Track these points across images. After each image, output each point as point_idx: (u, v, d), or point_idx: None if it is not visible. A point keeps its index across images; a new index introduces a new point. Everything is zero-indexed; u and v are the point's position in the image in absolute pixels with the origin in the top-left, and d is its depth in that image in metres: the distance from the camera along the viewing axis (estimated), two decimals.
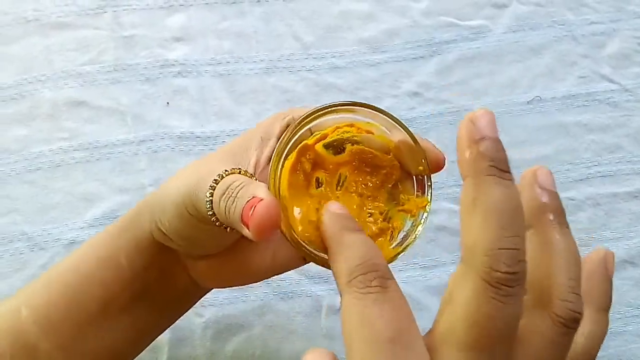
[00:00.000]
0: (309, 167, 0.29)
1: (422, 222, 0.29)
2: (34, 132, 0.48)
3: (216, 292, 0.46)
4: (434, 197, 0.29)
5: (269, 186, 0.27)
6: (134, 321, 0.34)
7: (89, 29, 0.50)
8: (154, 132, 0.49)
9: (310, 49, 0.51)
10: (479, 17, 0.53)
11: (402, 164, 0.30)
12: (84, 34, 0.50)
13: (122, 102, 0.49)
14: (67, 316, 0.32)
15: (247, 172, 0.29)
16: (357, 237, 0.25)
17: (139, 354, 0.36)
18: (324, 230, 0.26)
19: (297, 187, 0.29)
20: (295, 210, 0.29)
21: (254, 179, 0.29)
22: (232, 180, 0.27)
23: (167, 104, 0.49)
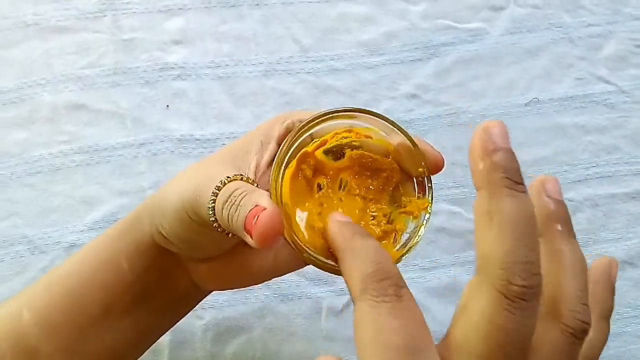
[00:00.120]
0: (310, 173, 0.29)
1: (425, 223, 0.29)
2: (34, 136, 0.48)
3: (216, 295, 0.46)
4: (434, 198, 0.29)
5: (270, 194, 0.27)
6: (134, 323, 0.34)
7: (89, 33, 0.50)
8: (154, 135, 0.49)
9: (309, 52, 0.51)
10: (476, 19, 0.54)
11: (401, 167, 0.30)
12: (83, 38, 0.50)
13: (122, 105, 0.49)
14: (69, 319, 0.32)
15: (249, 179, 0.29)
16: (367, 242, 0.25)
17: (140, 355, 0.36)
18: (332, 239, 0.26)
19: (299, 194, 0.29)
20: (298, 217, 0.29)
21: (255, 184, 0.29)
22: (235, 187, 0.27)
23: (167, 106, 0.50)
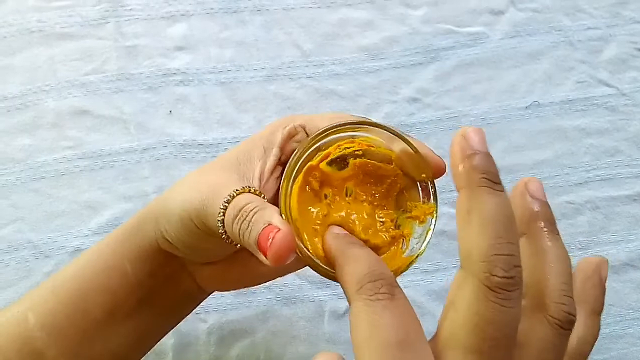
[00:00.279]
0: (316, 185, 0.30)
1: (431, 227, 0.29)
2: (38, 142, 0.48)
3: (220, 298, 0.47)
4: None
5: (280, 209, 0.28)
6: (138, 325, 0.34)
7: (92, 39, 0.50)
8: (157, 140, 0.49)
9: (310, 57, 0.52)
10: (476, 23, 0.54)
11: (405, 173, 0.31)
12: (87, 44, 0.50)
13: (125, 110, 0.49)
14: (74, 322, 0.33)
15: (256, 190, 0.29)
16: (362, 250, 0.27)
17: (142, 357, 0.36)
18: (328, 248, 0.28)
19: (307, 207, 0.30)
20: (306, 229, 0.29)
21: (262, 196, 0.29)
22: (245, 202, 0.28)
23: (170, 112, 0.50)
